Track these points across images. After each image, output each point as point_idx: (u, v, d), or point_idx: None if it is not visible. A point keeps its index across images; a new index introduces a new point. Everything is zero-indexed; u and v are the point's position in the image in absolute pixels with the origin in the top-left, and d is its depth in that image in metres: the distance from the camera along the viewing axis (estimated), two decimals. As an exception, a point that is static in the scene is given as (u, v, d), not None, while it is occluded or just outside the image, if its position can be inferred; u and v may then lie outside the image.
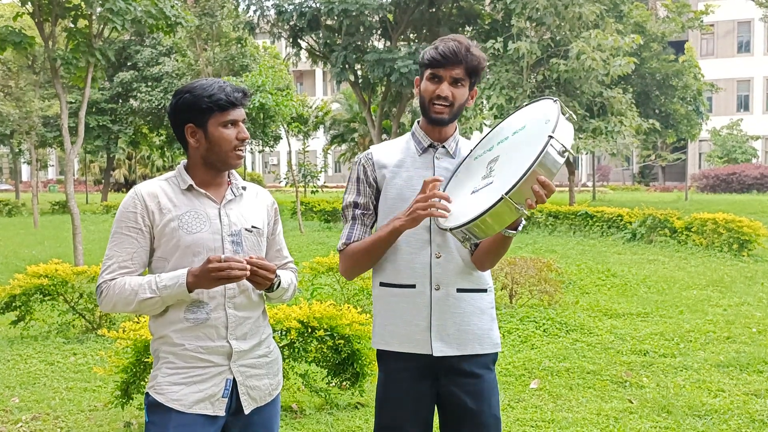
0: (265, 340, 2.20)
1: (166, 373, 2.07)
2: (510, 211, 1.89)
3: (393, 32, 20.22)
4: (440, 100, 2.21)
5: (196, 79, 2.34)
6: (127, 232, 2.07)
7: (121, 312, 2.14)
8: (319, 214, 19.38)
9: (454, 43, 2.20)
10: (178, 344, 2.06)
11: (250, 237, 2.15)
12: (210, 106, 2.06)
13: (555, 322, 6.62)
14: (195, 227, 2.07)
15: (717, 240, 11.73)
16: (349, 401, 4.59)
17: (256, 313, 2.17)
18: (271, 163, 55.55)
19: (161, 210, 2.07)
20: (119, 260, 2.06)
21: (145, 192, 2.09)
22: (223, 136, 2.08)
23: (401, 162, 2.30)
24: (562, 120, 1.94)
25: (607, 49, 15.93)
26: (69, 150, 9.33)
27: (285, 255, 2.33)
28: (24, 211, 26.14)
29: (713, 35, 41.66)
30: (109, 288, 2.05)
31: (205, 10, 24.03)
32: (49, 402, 4.72)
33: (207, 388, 2.06)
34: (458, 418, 2.26)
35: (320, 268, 6.96)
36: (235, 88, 2.10)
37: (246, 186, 2.23)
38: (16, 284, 6.21)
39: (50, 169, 56.77)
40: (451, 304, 2.23)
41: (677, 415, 4.33)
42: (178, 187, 2.12)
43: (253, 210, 2.20)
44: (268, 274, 2.04)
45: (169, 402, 2.04)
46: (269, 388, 2.19)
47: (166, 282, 2.00)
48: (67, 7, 9.32)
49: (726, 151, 36.51)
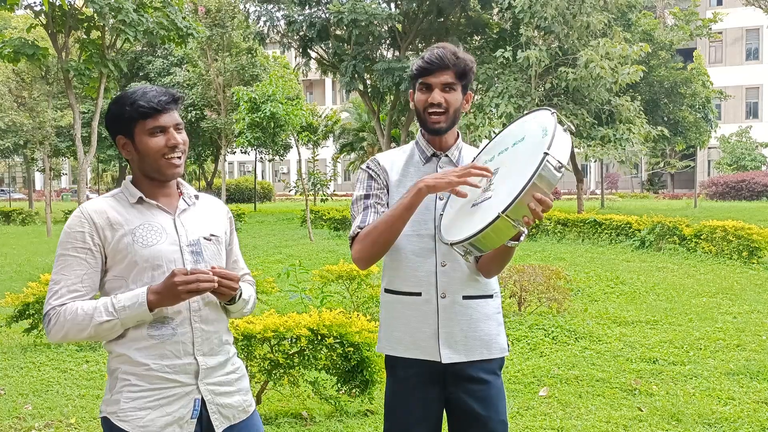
0: (231, 358, 2.10)
1: (130, 398, 1.92)
2: (508, 228, 1.90)
3: (402, 42, 20.32)
4: (434, 108, 2.21)
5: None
6: (75, 254, 1.93)
7: (73, 340, 1.98)
8: (328, 223, 19.42)
9: (440, 49, 2.22)
10: (142, 363, 1.92)
11: (210, 246, 2.05)
12: (132, 114, 1.94)
13: (564, 329, 6.63)
14: (151, 240, 1.95)
15: (726, 247, 11.69)
16: (358, 409, 4.62)
17: (222, 327, 2.07)
18: (281, 172, 55.77)
19: (112, 226, 1.94)
20: (68, 284, 1.91)
21: (92, 209, 1.96)
22: (149, 145, 1.95)
23: (405, 171, 2.31)
24: (559, 133, 1.92)
25: (615, 58, 15.95)
26: (82, 159, 9.44)
27: (242, 267, 2.23)
28: (37, 220, 26.35)
29: (722, 43, 41.58)
30: (58, 315, 1.89)
31: (216, 21, 24.24)
32: (62, 409, 4.77)
33: (175, 410, 1.93)
34: (466, 424, 2.27)
35: (330, 276, 7.00)
36: (159, 92, 1.97)
37: (198, 195, 2.14)
38: (30, 292, 6.27)
39: (63, 178, 57.19)
40: (458, 311, 2.24)
41: (687, 423, 4.33)
42: (127, 201, 2.00)
43: (209, 218, 2.10)
44: (232, 283, 1.94)
45: (135, 429, 1.91)
46: (243, 404, 2.08)
47: (125, 302, 1.87)
48: (80, 19, 9.45)
49: (735, 159, 36.36)
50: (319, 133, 32.71)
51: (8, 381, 5.45)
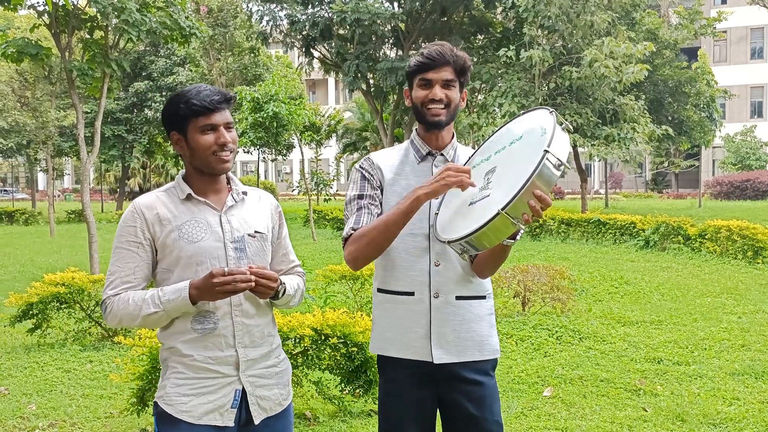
0: (275, 350, 2.17)
1: (175, 384, 2.04)
2: (507, 226, 1.89)
3: (405, 41, 20.31)
4: (434, 104, 2.21)
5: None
6: (128, 247, 2.05)
7: (127, 326, 2.12)
8: (331, 222, 19.42)
9: (438, 46, 2.23)
10: (187, 355, 2.04)
11: (254, 243, 2.12)
12: (185, 112, 2.03)
13: (568, 329, 6.61)
14: (196, 236, 2.04)
15: (731, 247, 11.65)
16: (362, 409, 4.61)
17: (265, 320, 2.14)
18: (284, 172, 55.78)
19: (161, 221, 2.04)
20: (121, 275, 2.05)
21: (143, 205, 2.07)
22: (201, 142, 2.04)
23: (400, 170, 2.30)
24: (558, 132, 1.92)
25: (619, 57, 15.91)
26: (85, 159, 9.43)
27: (292, 259, 2.29)
28: (40, 220, 26.42)
29: (726, 42, 41.44)
30: (113, 304, 2.03)
31: (219, 21, 24.25)
32: (66, 409, 4.77)
33: (216, 398, 2.04)
34: (461, 425, 2.27)
35: (333, 276, 6.99)
36: (212, 92, 2.05)
37: (247, 191, 2.20)
38: (33, 292, 6.28)
39: (66, 178, 57.28)
40: (450, 312, 2.23)
41: (691, 424, 4.32)
42: (177, 197, 2.09)
43: (255, 215, 2.16)
44: (270, 282, 2.00)
45: (178, 413, 2.02)
46: (279, 398, 2.16)
47: (169, 296, 1.98)
48: (83, 19, 9.44)
49: (740, 158, 36.24)
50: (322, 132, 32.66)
51: (12, 381, 5.46)
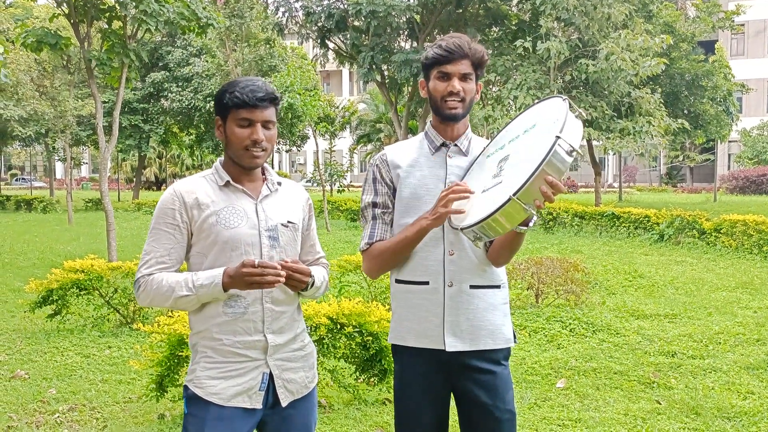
0: (300, 335, 2.23)
1: (205, 368, 2.10)
2: (519, 211, 1.91)
3: (420, 33, 20.25)
4: (452, 97, 2.23)
5: (231, 79, 2.35)
6: (165, 228, 2.10)
7: (157, 307, 2.17)
8: (345, 213, 19.49)
9: (456, 39, 2.24)
10: (216, 339, 2.09)
11: (287, 232, 2.17)
12: (228, 101, 2.07)
13: (581, 322, 6.62)
14: (233, 222, 2.08)
15: (747, 242, 11.58)
16: (376, 397, 4.66)
17: (292, 308, 2.19)
18: (298, 163, 55.90)
19: (200, 206, 2.09)
20: (157, 255, 2.09)
21: (183, 189, 2.12)
22: (236, 134, 2.08)
23: (415, 161, 2.33)
24: (570, 119, 1.93)
25: (636, 50, 15.78)
26: (103, 149, 9.53)
27: (318, 250, 2.35)
28: (58, 208, 26.67)
29: (744, 35, 40.94)
30: (147, 283, 2.08)
31: (235, 12, 24.27)
32: (85, 393, 4.86)
33: (244, 381, 2.10)
34: (474, 414, 2.29)
35: (348, 266, 7.04)
36: (257, 88, 2.07)
37: (281, 182, 2.25)
38: (53, 279, 6.38)
39: (83, 167, 57.73)
40: (464, 301, 2.26)
41: (706, 417, 4.33)
42: (216, 183, 2.14)
43: (288, 205, 2.22)
44: (303, 277, 2.05)
45: (207, 395, 2.08)
46: (305, 380, 2.22)
47: (203, 281, 2.03)
48: (102, 9, 9.52)
49: (756, 152, 35.82)
50: (336, 124, 32.70)
51: (32, 365, 5.56)
